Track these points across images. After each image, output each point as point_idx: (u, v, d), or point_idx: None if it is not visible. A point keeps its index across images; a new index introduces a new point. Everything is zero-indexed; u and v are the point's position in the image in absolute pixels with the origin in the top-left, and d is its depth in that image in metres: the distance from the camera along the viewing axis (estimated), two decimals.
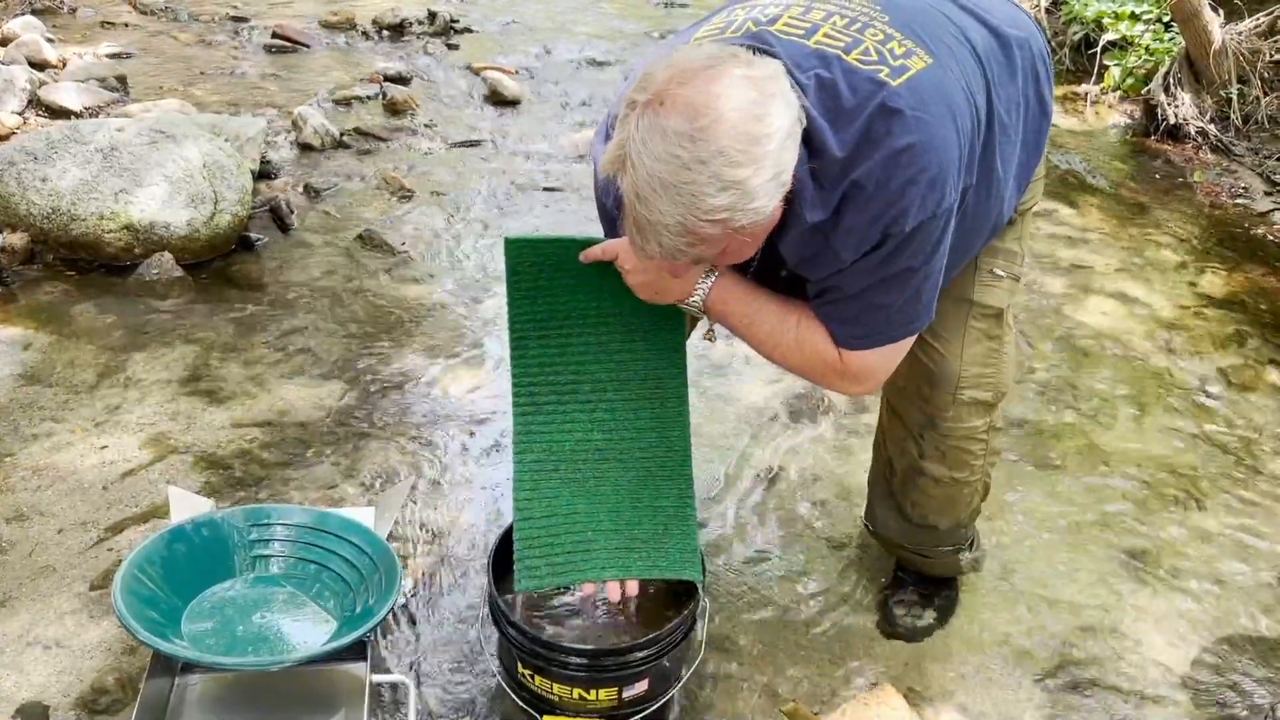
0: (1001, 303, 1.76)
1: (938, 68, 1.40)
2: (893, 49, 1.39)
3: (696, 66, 1.25)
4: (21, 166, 3.02)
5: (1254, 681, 2.01)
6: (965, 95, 1.43)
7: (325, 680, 1.79)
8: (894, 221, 1.36)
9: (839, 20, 1.42)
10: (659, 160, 1.22)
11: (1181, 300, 3.34)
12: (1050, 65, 1.67)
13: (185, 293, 2.97)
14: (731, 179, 1.22)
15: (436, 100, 4.48)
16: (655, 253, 1.30)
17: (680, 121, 1.21)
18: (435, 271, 3.19)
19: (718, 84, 1.23)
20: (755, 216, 1.27)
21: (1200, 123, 4.52)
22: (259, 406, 2.53)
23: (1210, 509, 2.44)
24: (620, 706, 1.71)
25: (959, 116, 1.40)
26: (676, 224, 1.24)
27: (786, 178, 1.28)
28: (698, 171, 1.21)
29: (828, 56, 1.37)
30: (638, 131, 1.24)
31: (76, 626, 1.92)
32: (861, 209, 1.36)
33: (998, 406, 1.82)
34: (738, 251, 1.40)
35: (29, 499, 2.19)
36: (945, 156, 1.37)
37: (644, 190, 1.24)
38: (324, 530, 1.93)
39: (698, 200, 1.22)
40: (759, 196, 1.25)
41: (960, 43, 1.48)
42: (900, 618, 2.06)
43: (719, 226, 1.25)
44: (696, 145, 1.21)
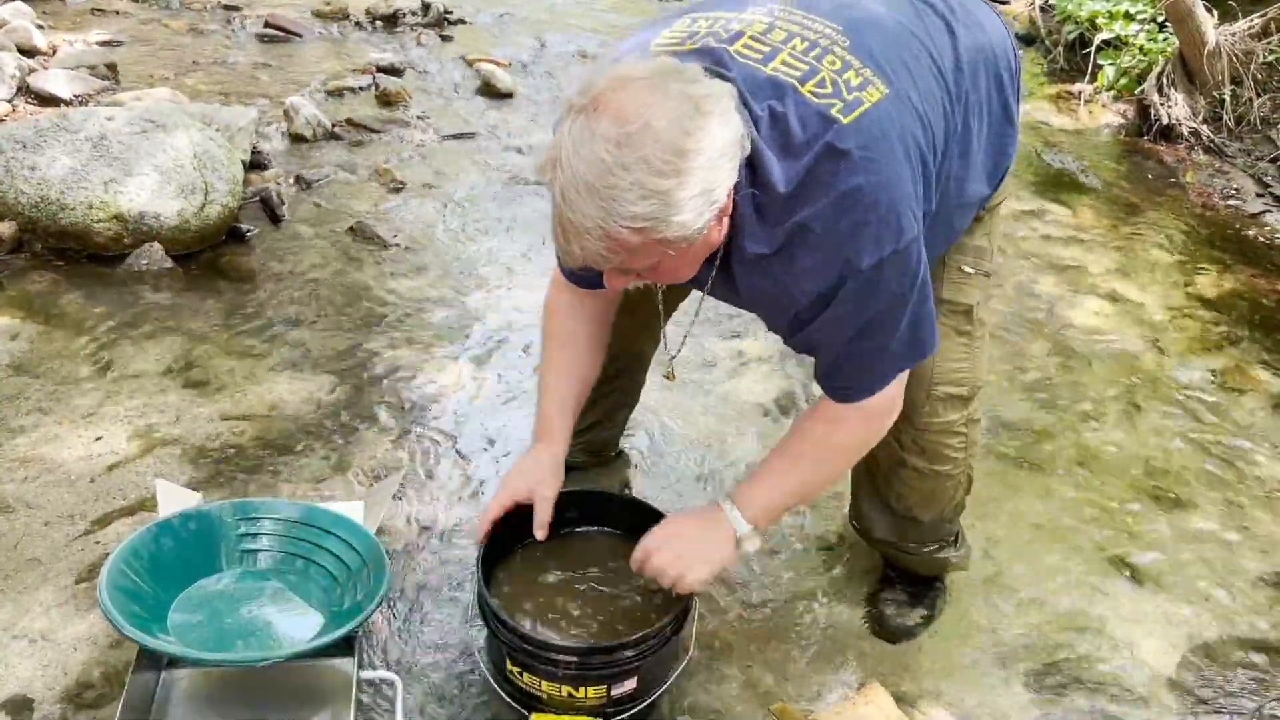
0: (971, 299, 1.77)
1: (893, 99, 1.40)
2: (849, 79, 1.39)
3: (636, 76, 1.27)
4: (10, 155, 3.00)
5: (1240, 682, 2.02)
6: (921, 122, 1.43)
7: (313, 676, 1.78)
8: (847, 263, 1.38)
9: (799, 44, 1.42)
10: (585, 163, 1.24)
11: (1173, 301, 3.34)
12: (1017, 70, 1.68)
13: (175, 284, 2.95)
14: (654, 188, 1.23)
15: (429, 92, 4.46)
16: (577, 256, 1.31)
17: (609, 126, 1.23)
18: (427, 264, 3.18)
19: (653, 94, 1.25)
20: (681, 231, 1.28)
21: (1193, 123, 4.52)
22: (248, 399, 2.52)
23: (1199, 510, 2.45)
24: (609, 704, 1.71)
25: (912, 148, 1.41)
26: (596, 227, 1.26)
27: (719, 197, 1.29)
28: (620, 176, 1.23)
29: (782, 86, 1.37)
30: (569, 135, 1.26)
31: (62, 620, 1.91)
32: (812, 250, 1.38)
33: (974, 400, 1.83)
34: (672, 270, 1.41)
35: (15, 490, 2.18)
36: (897, 192, 1.38)
37: (569, 192, 1.26)
38: (312, 525, 1.92)
39: (618, 205, 1.24)
40: (684, 210, 1.26)
41: (920, 58, 1.48)
42: (889, 617, 2.06)
43: (640, 235, 1.27)
44: (622, 150, 1.22)
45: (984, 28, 1.63)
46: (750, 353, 2.83)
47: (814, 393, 2.69)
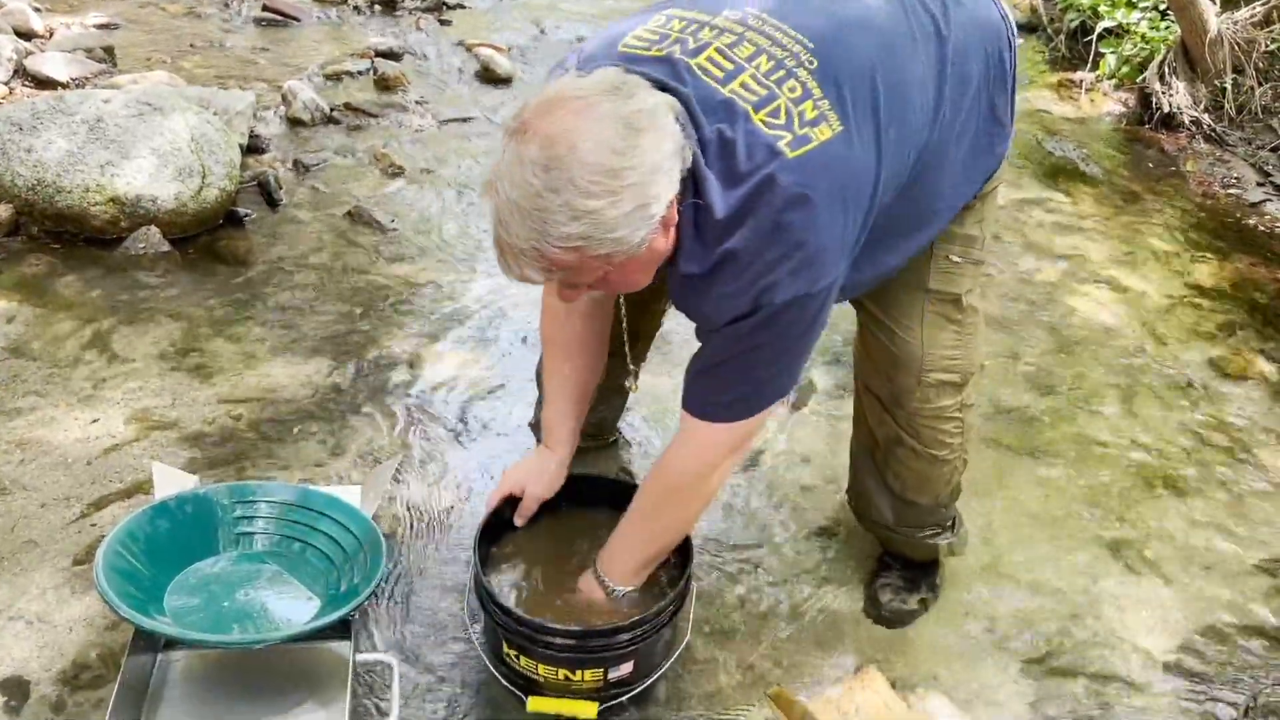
0: (959, 288, 1.76)
1: (844, 139, 1.39)
2: (804, 111, 1.38)
3: (566, 98, 1.29)
4: (6, 137, 2.98)
5: (1236, 668, 2.02)
6: (866, 165, 1.42)
7: (309, 658, 1.78)
8: (764, 293, 1.39)
9: (764, 63, 1.41)
10: (516, 187, 1.26)
11: (1172, 289, 3.34)
12: (1012, 66, 1.65)
13: (172, 267, 2.94)
14: (583, 209, 1.25)
15: (428, 77, 4.44)
16: (516, 275, 1.35)
17: (536, 151, 1.25)
18: (425, 249, 3.17)
19: (579, 116, 1.26)
20: (618, 246, 1.30)
21: (1194, 112, 4.51)
22: (245, 383, 2.51)
23: (1197, 497, 2.45)
24: (605, 688, 1.71)
25: (851, 194, 1.41)
26: (531, 248, 1.29)
27: (657, 210, 1.30)
28: (549, 199, 1.25)
29: (736, 111, 1.37)
30: (503, 160, 1.29)
31: (58, 601, 1.90)
32: (735, 277, 1.39)
33: (967, 386, 1.83)
34: (622, 281, 1.43)
35: (11, 473, 2.17)
36: (825, 236, 1.39)
37: (504, 215, 1.29)
38: (309, 508, 1.92)
39: (550, 227, 1.26)
40: (618, 228, 1.27)
41: (892, 77, 1.45)
42: (886, 602, 2.06)
43: (575, 254, 1.29)
44: (549, 174, 1.24)
45: (977, 23, 1.59)
46: None
47: (810, 380, 2.69)
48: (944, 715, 1.87)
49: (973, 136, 1.60)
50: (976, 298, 1.79)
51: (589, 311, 1.78)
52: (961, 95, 1.55)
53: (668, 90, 1.35)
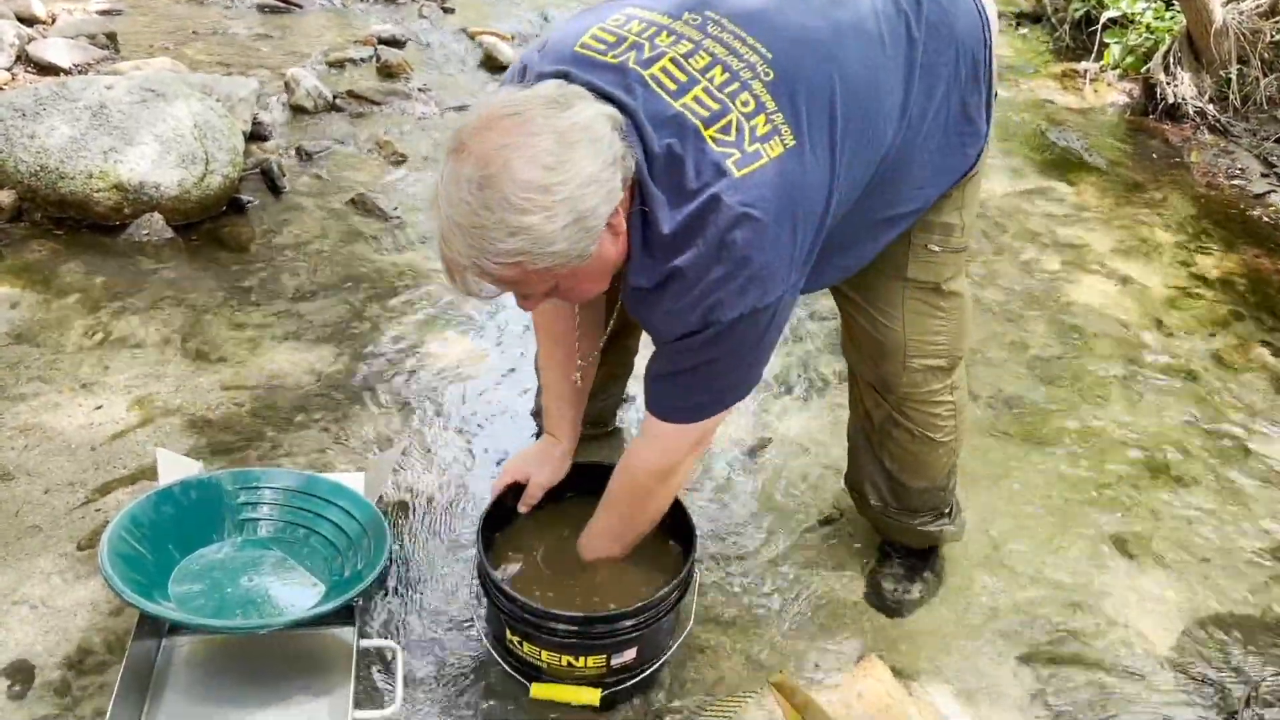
0: (939, 276, 1.76)
1: (795, 154, 1.39)
2: (755, 126, 1.38)
3: (500, 115, 1.29)
4: (9, 123, 2.98)
5: (1238, 659, 2.02)
6: (818, 181, 1.41)
7: (313, 644, 1.79)
8: (712, 310, 1.40)
9: (719, 75, 1.40)
10: (454, 205, 1.28)
11: (1175, 280, 3.34)
12: (987, 64, 1.61)
13: (175, 254, 2.94)
14: (519, 225, 1.26)
15: (431, 64, 4.43)
16: (463, 289, 1.36)
17: (471, 169, 1.26)
18: (427, 238, 3.16)
19: (512, 134, 1.27)
20: (557, 260, 1.31)
21: (1199, 103, 4.49)
22: (249, 370, 2.52)
23: (1199, 488, 2.45)
24: (608, 674, 1.72)
25: (802, 209, 1.40)
26: (472, 264, 1.31)
27: (595, 222, 1.31)
28: (484, 217, 1.26)
29: (686, 126, 1.36)
30: (442, 178, 1.31)
31: (63, 586, 1.91)
32: (682, 294, 1.40)
33: (955, 370, 1.84)
34: (573, 290, 1.43)
35: (15, 458, 2.18)
36: (772, 255, 1.39)
37: (445, 232, 1.31)
38: (313, 494, 1.92)
39: (488, 244, 1.28)
40: (556, 241, 1.29)
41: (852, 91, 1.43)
42: (888, 591, 2.07)
43: (516, 270, 1.31)
44: (484, 192, 1.26)
45: (950, 22, 1.56)
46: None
47: (811, 368, 2.69)
48: (945, 704, 1.87)
49: (941, 137, 1.59)
50: (960, 283, 1.79)
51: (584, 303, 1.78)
52: (929, 97, 1.53)
53: (613, 101, 1.35)
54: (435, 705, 1.78)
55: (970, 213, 1.75)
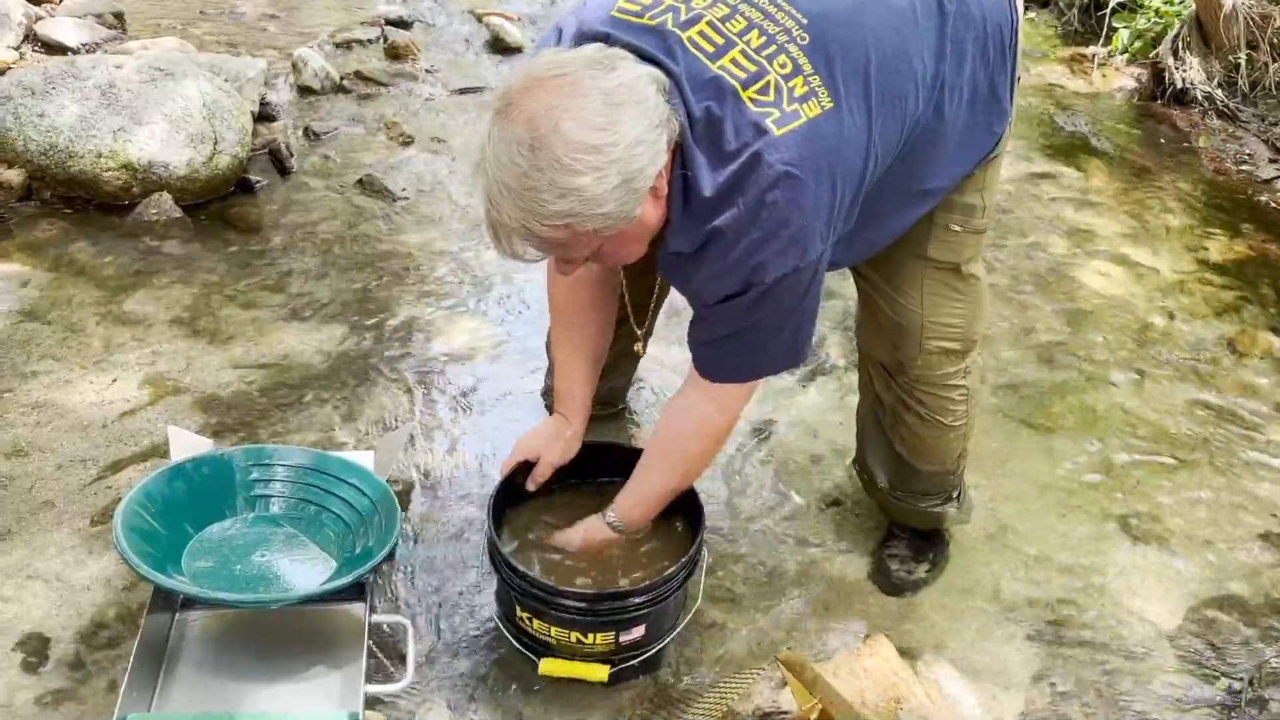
0: (960, 257, 1.76)
1: (833, 115, 1.39)
2: (794, 87, 1.38)
3: (547, 76, 1.29)
4: (19, 101, 2.98)
5: (1240, 641, 2.04)
6: (858, 141, 1.42)
7: (324, 620, 1.80)
8: (754, 271, 1.41)
9: (755, 38, 1.40)
10: (503, 167, 1.28)
11: (1183, 265, 3.33)
12: (1012, 49, 1.62)
13: (184, 233, 2.95)
14: (570, 186, 1.26)
15: (438, 46, 4.42)
16: (510, 254, 1.36)
17: (521, 131, 1.26)
18: (435, 219, 3.17)
19: (561, 94, 1.27)
20: (606, 221, 1.31)
21: (1207, 88, 4.48)
22: (258, 349, 2.53)
23: (1204, 472, 2.46)
24: (617, 651, 1.73)
25: (839, 169, 1.40)
26: (520, 226, 1.30)
27: (642, 184, 1.31)
28: (536, 179, 1.26)
29: (724, 88, 1.36)
30: (489, 140, 1.29)
31: (76, 561, 1.93)
32: (722, 256, 1.41)
33: (970, 353, 1.85)
34: (615, 253, 1.44)
35: (28, 435, 2.19)
36: (812, 214, 1.39)
37: (493, 194, 1.30)
38: (324, 472, 1.93)
39: (539, 206, 1.28)
40: (606, 203, 1.29)
41: (887, 53, 1.44)
42: (894, 571, 2.08)
43: (565, 231, 1.31)
44: (534, 154, 1.25)
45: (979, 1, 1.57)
46: None
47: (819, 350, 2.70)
48: (951, 683, 1.89)
49: (969, 114, 1.59)
50: (978, 266, 1.80)
51: (597, 279, 1.79)
52: (959, 73, 1.54)
53: (655, 64, 1.35)
54: (446, 680, 1.79)
55: (991, 195, 1.76)
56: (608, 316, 1.85)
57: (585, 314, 1.82)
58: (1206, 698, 1.91)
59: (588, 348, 1.85)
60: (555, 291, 1.83)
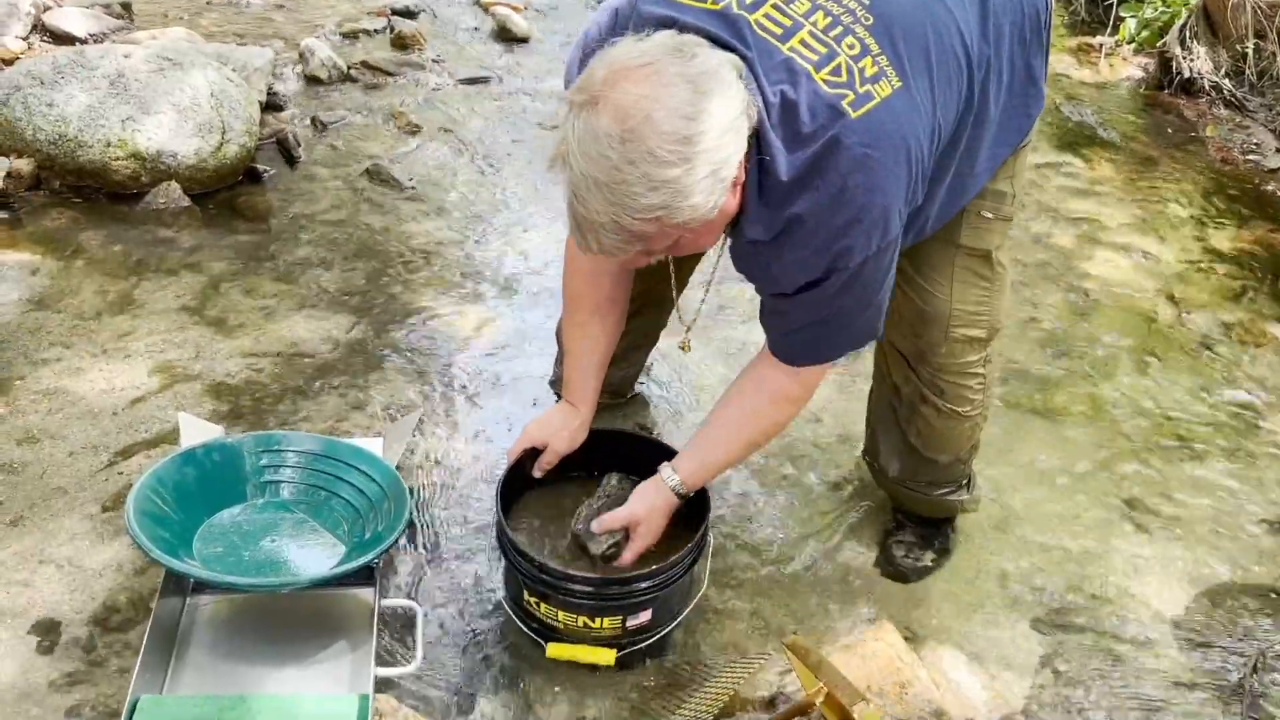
0: (990, 244, 1.77)
1: (904, 95, 1.39)
2: (864, 68, 1.37)
3: (631, 65, 1.26)
4: (28, 91, 3.00)
5: (1244, 628, 2.04)
6: (928, 118, 1.42)
7: (334, 604, 1.82)
8: (839, 256, 1.41)
9: (820, 19, 1.39)
10: (592, 161, 1.25)
11: (1189, 255, 3.33)
12: (1046, 31, 1.64)
13: (192, 223, 2.97)
14: (662, 178, 1.24)
15: (445, 35, 4.42)
16: (595, 249, 1.34)
17: (610, 123, 1.23)
18: (442, 208, 3.18)
19: (649, 84, 1.24)
20: (694, 213, 1.29)
21: (1215, 77, 4.46)
22: (267, 337, 2.54)
23: (1209, 459, 2.47)
24: (623, 635, 1.75)
25: (914, 148, 1.40)
26: (611, 222, 1.28)
27: (728, 172, 1.30)
28: (628, 172, 1.24)
29: (796, 71, 1.35)
30: (573, 132, 1.26)
31: (88, 546, 1.94)
32: (804, 243, 1.40)
33: (992, 342, 1.85)
34: (693, 244, 1.42)
35: (39, 422, 2.21)
36: (890, 194, 1.39)
37: (580, 189, 1.27)
38: (334, 458, 1.95)
39: (630, 200, 1.25)
40: (694, 194, 1.27)
41: (943, 33, 1.45)
42: (900, 558, 2.09)
43: (654, 224, 1.28)
44: (626, 146, 1.23)
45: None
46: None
47: None
48: (956, 669, 1.90)
49: (1008, 97, 1.60)
50: (1005, 254, 1.81)
51: (616, 273, 1.79)
52: (999, 55, 1.55)
53: (728, 49, 1.34)
54: (454, 664, 1.81)
55: (1020, 183, 1.77)
56: (623, 309, 1.86)
57: (602, 306, 1.82)
58: (1212, 684, 1.92)
59: (602, 340, 1.85)
60: (573, 283, 1.82)
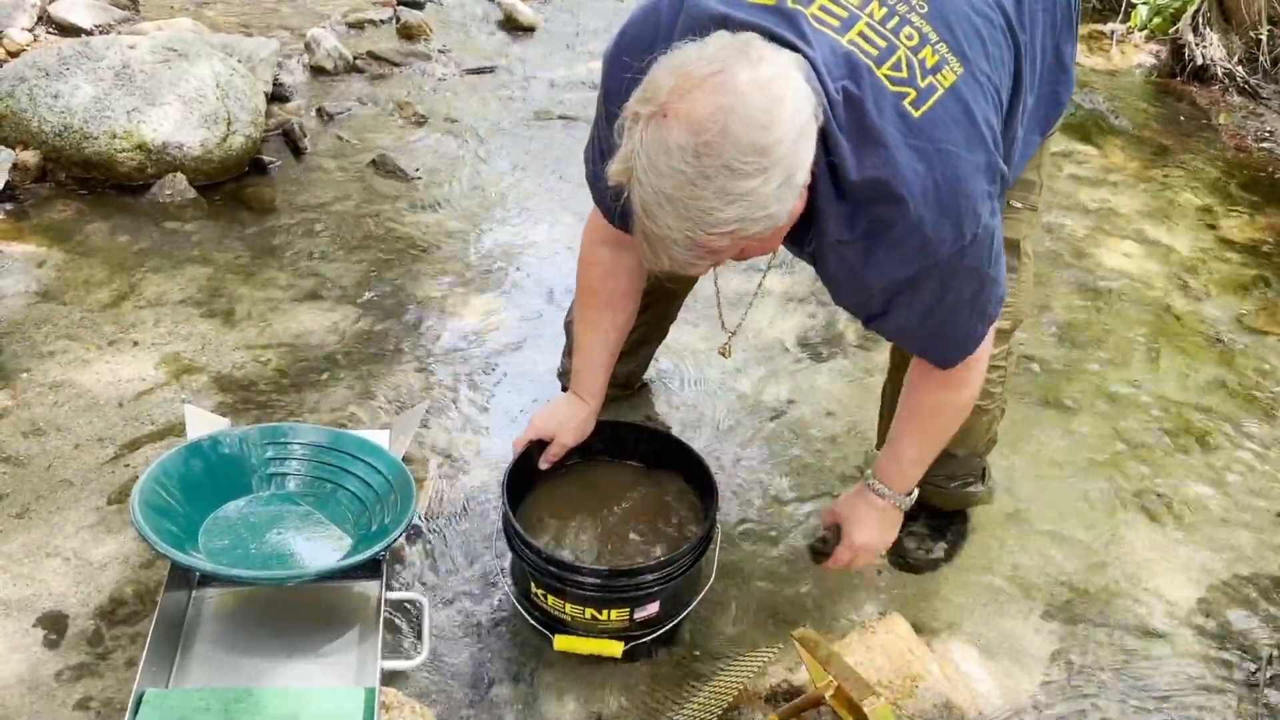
0: (1018, 234, 1.75)
1: (967, 80, 1.36)
2: (924, 59, 1.34)
3: (701, 74, 1.19)
4: (33, 83, 2.99)
5: (1259, 620, 2.02)
6: (993, 98, 1.40)
7: (340, 597, 1.81)
8: (927, 254, 1.36)
9: (876, 10, 1.35)
10: (663, 176, 1.18)
11: (1202, 243, 3.30)
12: (1076, 16, 1.63)
13: (198, 214, 2.96)
14: (739, 191, 1.19)
15: (450, 25, 4.41)
16: (666, 266, 1.28)
17: (683, 136, 1.17)
18: (448, 199, 3.17)
19: (721, 94, 1.17)
20: (771, 222, 1.24)
21: (1228, 64, 4.42)
22: (273, 329, 2.53)
23: (1222, 450, 2.44)
24: (631, 627, 1.74)
25: (985, 128, 1.37)
26: (684, 238, 1.22)
27: (800, 178, 1.25)
28: (703, 187, 1.18)
29: (858, 66, 1.31)
30: (642, 146, 1.20)
31: (94, 539, 1.94)
32: (891, 247, 1.36)
33: (1015, 332, 1.83)
34: (760, 250, 1.39)
35: (46, 414, 2.20)
36: (972, 182, 1.35)
37: (650, 206, 1.21)
38: (340, 450, 1.94)
39: (705, 215, 1.20)
40: (771, 204, 1.22)
41: (992, 17, 1.42)
42: (911, 550, 2.07)
43: (728, 239, 1.23)
44: (701, 160, 1.17)
45: None
46: (774, 289, 2.81)
47: (835, 329, 2.69)
48: (967, 661, 1.89)
49: (1040, 83, 1.58)
50: (1030, 244, 1.78)
51: (635, 269, 1.76)
52: (1033, 40, 1.52)
53: (789, 46, 1.28)
54: (461, 657, 1.80)
55: (1045, 171, 1.75)
56: (635, 304, 1.83)
57: (616, 301, 1.79)
58: (1225, 676, 1.91)
59: (614, 334, 1.82)
60: (588, 276, 1.79)
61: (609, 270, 1.75)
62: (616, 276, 1.76)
